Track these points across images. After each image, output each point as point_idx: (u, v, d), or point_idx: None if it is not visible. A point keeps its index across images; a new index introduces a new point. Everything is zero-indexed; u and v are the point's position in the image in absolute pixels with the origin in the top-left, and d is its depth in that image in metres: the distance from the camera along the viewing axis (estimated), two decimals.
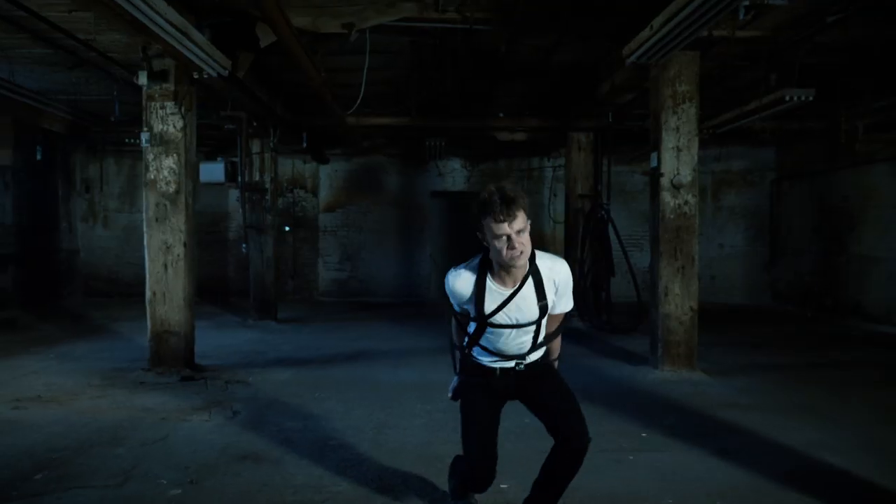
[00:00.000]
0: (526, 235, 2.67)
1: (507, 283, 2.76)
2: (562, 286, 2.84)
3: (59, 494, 3.43)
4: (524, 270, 2.76)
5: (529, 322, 2.80)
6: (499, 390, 2.93)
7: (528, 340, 2.85)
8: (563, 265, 2.87)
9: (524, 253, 2.66)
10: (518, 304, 2.75)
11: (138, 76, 6.25)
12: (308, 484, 3.60)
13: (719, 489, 3.59)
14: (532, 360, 2.92)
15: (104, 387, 5.80)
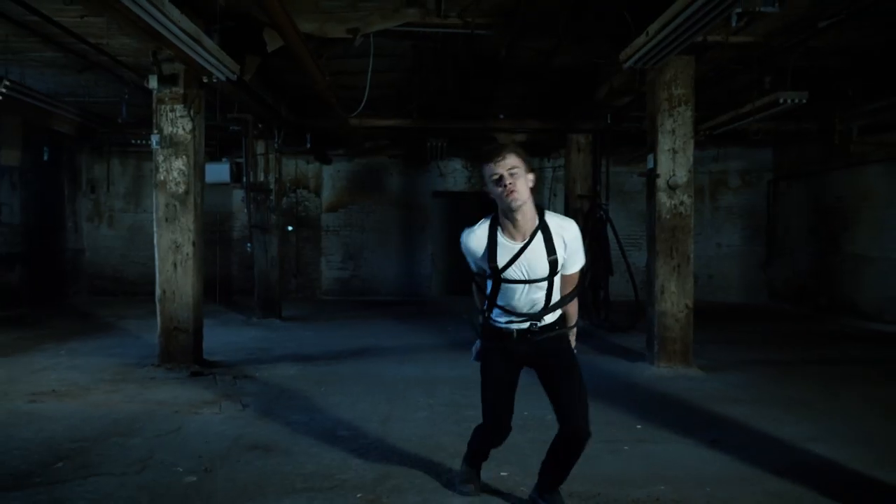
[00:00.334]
0: (521, 180, 2.83)
1: (517, 237, 2.91)
2: (571, 243, 2.95)
3: (81, 481, 3.60)
4: (533, 225, 2.91)
5: (541, 277, 2.91)
6: (515, 354, 3.06)
7: (542, 298, 2.95)
8: (571, 222, 2.99)
9: (517, 193, 2.82)
10: (528, 258, 2.89)
11: (149, 80, 6.42)
12: (317, 472, 3.77)
13: (709, 477, 3.76)
14: (547, 323, 3.03)
15: (116, 382, 5.97)
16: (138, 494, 3.44)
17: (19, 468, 3.77)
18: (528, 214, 2.90)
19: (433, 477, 3.69)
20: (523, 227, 2.90)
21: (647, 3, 5.44)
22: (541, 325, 3.02)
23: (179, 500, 3.37)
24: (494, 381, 3.14)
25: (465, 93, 9.36)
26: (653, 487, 3.59)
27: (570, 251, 2.97)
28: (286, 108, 9.86)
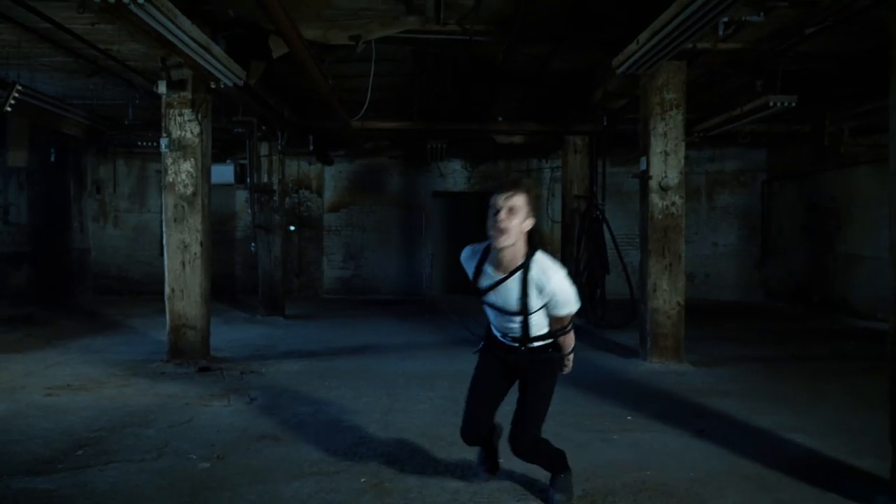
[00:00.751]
0: (516, 220, 2.93)
1: (500, 269, 3.07)
2: (550, 293, 2.99)
3: (101, 467, 3.82)
4: (516, 263, 3.03)
5: (513, 311, 3.07)
6: (505, 361, 3.26)
7: (518, 328, 3.13)
8: (554, 273, 2.99)
9: (505, 233, 2.91)
10: (503, 292, 3.07)
11: (158, 85, 6.62)
12: (323, 459, 3.99)
13: (693, 464, 3.98)
14: (531, 349, 3.18)
15: (127, 376, 6.19)
16: (156, 479, 3.66)
17: (42, 455, 4.00)
18: (513, 253, 3.01)
19: (432, 463, 3.91)
20: (506, 263, 3.03)
21: (641, 10, 5.66)
22: (528, 347, 3.18)
23: (195, 485, 3.59)
24: (477, 379, 3.34)
25: (465, 96, 9.58)
26: (639, 473, 3.81)
27: (552, 302, 3.03)
28: (289, 110, 10.08)
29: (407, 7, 6.28)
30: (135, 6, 4.11)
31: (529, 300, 3.01)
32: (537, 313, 3.08)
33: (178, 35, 4.77)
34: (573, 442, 4.37)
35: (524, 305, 3.03)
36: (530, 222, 3.01)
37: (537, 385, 3.22)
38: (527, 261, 3.02)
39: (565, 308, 3.07)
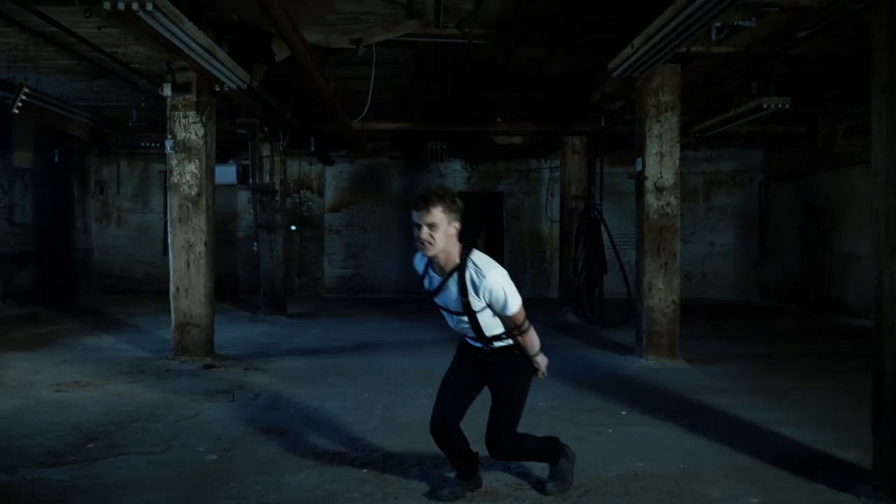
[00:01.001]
0: (440, 233, 2.97)
1: (439, 273, 3.15)
2: (486, 293, 3.01)
3: (112, 459, 3.95)
4: (452, 265, 3.07)
5: (456, 311, 3.12)
6: (476, 359, 3.32)
7: (470, 329, 3.15)
8: (488, 272, 3.00)
9: (430, 245, 2.97)
10: (445, 293, 3.13)
11: (163, 88, 6.77)
12: (327, 451, 4.13)
13: (684, 455, 4.11)
14: (498, 347, 3.20)
15: (133, 373, 6.33)
16: (165, 471, 3.79)
17: (55, 448, 4.13)
18: (447, 257, 3.06)
19: (432, 456, 4.02)
20: (442, 267, 3.10)
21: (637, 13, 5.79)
22: (492, 349, 3.21)
23: (203, 475, 3.72)
24: (449, 374, 3.42)
25: (464, 97, 9.71)
26: (632, 464, 3.94)
27: (488, 299, 3.03)
28: (291, 111, 10.22)
29: (407, 11, 6.41)
30: (143, 13, 4.24)
31: (469, 300, 3.04)
32: (484, 313, 3.09)
33: (184, 40, 4.90)
34: (569, 436, 4.46)
35: (465, 305, 3.06)
36: (455, 225, 3.04)
37: (506, 389, 3.25)
38: (462, 261, 3.06)
39: (507, 308, 3.04)
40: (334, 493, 3.47)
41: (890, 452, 3.33)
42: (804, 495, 3.50)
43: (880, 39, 3.35)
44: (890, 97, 3.30)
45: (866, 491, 3.44)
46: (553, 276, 14.06)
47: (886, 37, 3.30)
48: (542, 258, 14.64)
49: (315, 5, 6.20)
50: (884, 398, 3.39)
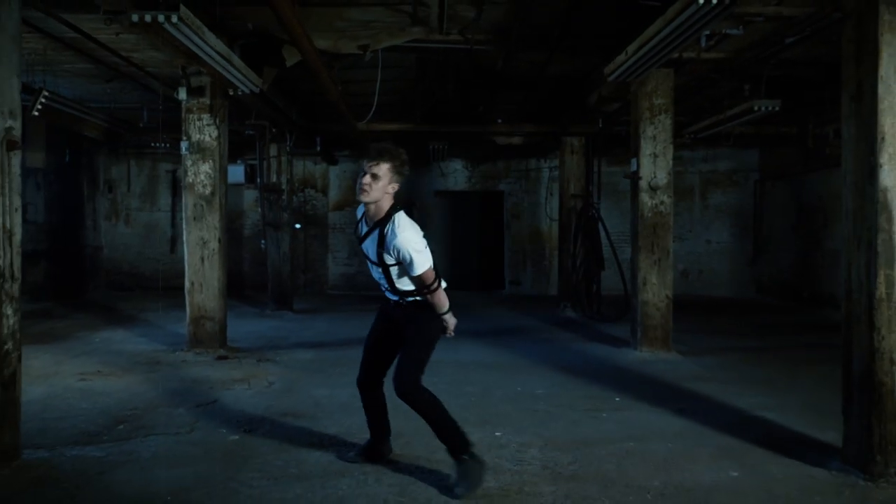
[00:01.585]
0: (379, 185, 3.36)
1: (368, 221, 3.52)
2: (395, 250, 3.34)
3: (142, 439, 4.27)
4: (379, 218, 3.43)
5: (374, 261, 3.49)
6: (389, 315, 3.69)
7: (384, 279, 3.52)
8: (401, 232, 3.33)
9: (366, 192, 3.36)
10: (368, 242, 3.51)
11: (178, 92, 7.08)
12: (340, 432, 4.44)
13: (672, 436, 4.43)
14: (408, 301, 3.52)
15: (152, 364, 6.64)
16: (192, 449, 4.10)
17: (88, 429, 4.44)
18: (377, 211, 3.43)
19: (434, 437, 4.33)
20: (372, 218, 3.47)
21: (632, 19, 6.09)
22: (406, 302, 3.54)
23: (228, 453, 4.03)
24: (371, 332, 3.82)
25: (466, 99, 10.02)
26: (623, 443, 4.26)
27: (399, 255, 3.35)
28: (297, 112, 10.52)
29: (412, 19, 6.71)
30: (168, 24, 4.55)
31: (383, 253, 3.40)
32: (395, 268, 3.43)
33: (203, 48, 5.20)
34: (565, 420, 4.82)
35: (379, 257, 3.42)
36: (395, 185, 3.43)
37: (412, 333, 3.55)
38: (386, 217, 3.41)
39: (413, 268, 3.35)
40: (347, 469, 3.78)
41: (857, 430, 3.65)
42: (781, 469, 3.81)
43: (848, 52, 3.65)
44: (857, 105, 3.60)
45: (837, 465, 3.76)
46: (552, 273, 14.36)
47: (853, 50, 3.60)
48: (541, 256, 14.94)
49: (325, 14, 6.51)
50: (852, 381, 3.69)
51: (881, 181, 3.45)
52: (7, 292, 3.56)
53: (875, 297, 3.48)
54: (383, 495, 3.39)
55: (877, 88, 3.44)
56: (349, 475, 3.67)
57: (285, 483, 3.55)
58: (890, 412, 3.47)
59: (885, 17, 3.40)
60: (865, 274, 3.54)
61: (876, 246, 3.47)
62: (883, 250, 3.45)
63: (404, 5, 6.38)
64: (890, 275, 3.45)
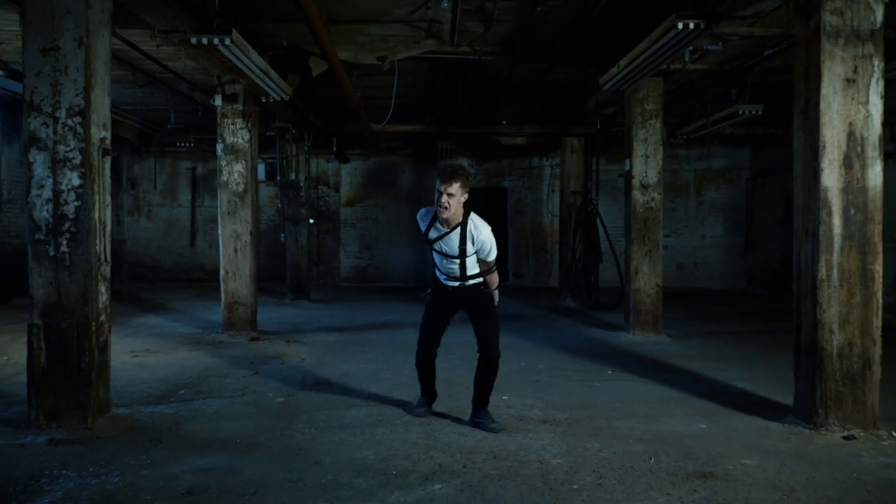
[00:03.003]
0: (455, 200, 4.14)
1: (444, 226, 4.29)
2: (479, 243, 4.24)
3: (202, 400, 5.02)
4: (456, 221, 4.24)
5: (453, 255, 4.29)
6: (450, 298, 4.49)
7: (456, 268, 4.33)
8: (484, 230, 4.24)
9: (447, 210, 4.14)
10: (446, 241, 4.30)
11: (214, 98, 7.81)
12: (370, 396, 5.18)
13: (653, 399, 5.17)
14: (470, 284, 4.38)
15: (192, 344, 7.39)
16: (247, 408, 4.85)
17: (154, 393, 5.20)
18: (455, 216, 4.22)
19: (451, 399, 5.07)
20: (448, 222, 4.25)
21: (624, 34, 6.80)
22: (466, 285, 4.39)
23: (277, 411, 4.78)
24: (429, 314, 4.60)
25: (473, 103, 10.75)
26: (611, 405, 5.00)
27: (479, 249, 4.26)
28: (314, 115, 11.25)
29: (426, 33, 7.42)
30: (222, 46, 5.28)
31: (466, 246, 4.25)
32: (471, 257, 4.30)
33: (247, 64, 5.93)
34: (562, 388, 5.57)
35: (462, 251, 4.26)
36: (465, 196, 4.21)
37: (484, 310, 4.41)
38: (465, 219, 4.26)
39: (490, 254, 4.32)
40: (380, 420, 4.53)
41: (804, 389, 4.38)
42: (742, 423, 4.55)
43: (798, 73, 4.37)
44: (804, 118, 4.33)
45: (789, 419, 4.49)
46: (554, 266, 15.09)
47: (802, 72, 4.32)
48: (543, 249, 15.67)
49: (348, 30, 7.22)
50: (800, 348, 4.43)
51: (822, 182, 4.18)
52: (102, 273, 4.31)
53: (818, 278, 4.21)
54: (413, 439, 4.13)
55: (819, 105, 4.16)
56: (383, 425, 4.42)
57: (330, 431, 4.29)
58: (829, 373, 4.20)
59: (826, 46, 4.12)
60: (811, 259, 4.27)
61: (818, 236, 4.20)
62: (824, 239, 4.18)
63: (420, 22, 7.08)
64: (829, 259, 4.18)
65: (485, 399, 4.47)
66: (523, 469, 3.62)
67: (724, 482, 3.44)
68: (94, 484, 3.34)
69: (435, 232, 4.37)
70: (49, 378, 4.11)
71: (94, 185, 4.18)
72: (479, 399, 4.47)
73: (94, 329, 4.21)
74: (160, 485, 3.34)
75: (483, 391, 4.46)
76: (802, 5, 4.30)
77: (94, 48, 4.14)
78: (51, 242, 4.12)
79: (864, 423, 4.17)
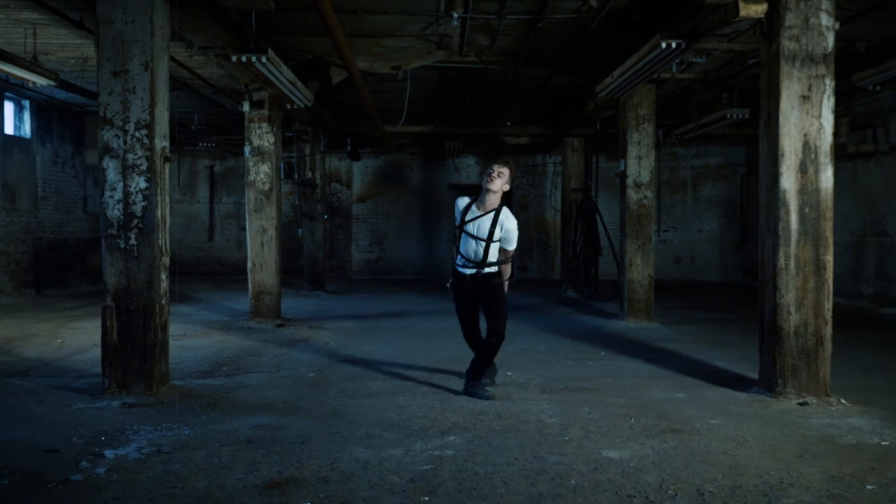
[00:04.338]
0: (501, 181, 4.85)
1: (481, 210, 4.94)
2: (506, 231, 4.89)
3: (243, 375, 5.73)
4: (492, 207, 4.89)
5: (481, 237, 4.90)
6: (467, 289, 5.12)
7: (480, 252, 4.92)
8: (512, 221, 4.91)
9: (493, 183, 4.83)
10: (480, 222, 4.92)
11: (242, 105, 8.52)
12: (391, 372, 5.89)
13: (641, 375, 5.86)
14: (486, 272, 4.99)
15: (223, 330, 8.11)
16: (284, 381, 5.57)
17: (200, 369, 5.92)
18: (493, 201, 4.89)
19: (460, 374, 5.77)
20: (486, 206, 4.91)
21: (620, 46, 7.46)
22: (482, 273, 5.01)
23: (311, 383, 5.49)
24: (458, 307, 5.28)
25: (479, 105, 11.43)
26: (602, 379, 5.70)
27: (505, 234, 4.91)
28: (329, 116, 11.95)
29: (437, 45, 8.11)
30: (259, 63, 5.98)
31: (495, 230, 4.88)
32: (495, 244, 4.92)
33: (278, 77, 6.63)
34: (560, 366, 6.27)
35: (490, 234, 4.88)
36: (508, 186, 4.91)
37: (496, 300, 5.05)
38: (499, 208, 4.93)
39: (511, 244, 4.97)
40: (401, 391, 5.24)
41: (766, 363, 5.07)
42: (714, 394, 5.24)
43: (763, 90, 5.05)
44: (767, 129, 5.00)
45: (754, 390, 5.18)
46: (556, 259, 15.79)
47: (765, 88, 5.00)
48: (546, 243, 16.37)
49: (365, 42, 7.90)
50: (764, 328, 5.11)
51: (781, 185, 4.86)
52: (163, 263, 5.03)
53: (777, 267, 4.89)
54: (430, 404, 4.84)
55: (779, 119, 4.83)
56: (403, 394, 5.13)
57: (359, 399, 5.00)
58: (787, 348, 4.89)
59: (785, 68, 4.79)
60: (772, 251, 4.95)
61: (778, 230, 4.88)
62: (783, 234, 4.86)
63: (431, 36, 7.77)
64: (787, 251, 4.86)
65: (478, 373, 5.10)
66: (523, 426, 4.32)
67: (690, 435, 4.13)
68: (169, 435, 4.05)
69: (471, 214, 4.98)
70: (120, 352, 4.83)
71: (158, 188, 4.89)
72: (473, 371, 5.11)
73: (157, 310, 4.92)
74: (224, 436, 4.05)
75: (478, 365, 5.10)
76: (766, 31, 4.96)
77: (157, 71, 4.85)
78: (121, 237, 4.84)
79: (816, 392, 4.85)
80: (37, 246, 11.89)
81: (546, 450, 3.84)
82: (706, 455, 3.77)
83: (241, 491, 3.22)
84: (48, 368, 5.92)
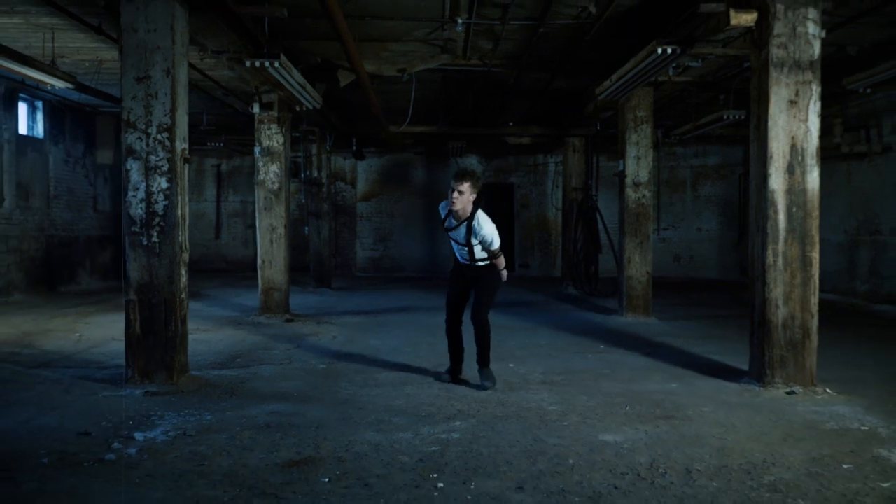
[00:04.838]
0: (464, 196, 5.02)
1: (455, 219, 5.21)
2: (480, 237, 5.09)
3: (257, 367, 6.00)
4: (465, 217, 5.13)
5: (461, 243, 5.23)
6: (464, 275, 5.41)
7: (467, 253, 5.25)
8: (486, 227, 5.07)
9: (456, 204, 5.04)
10: (457, 232, 5.23)
11: (252, 106, 8.78)
12: (396, 365, 6.16)
13: (637, 368, 6.12)
14: (478, 266, 5.29)
15: (235, 325, 8.38)
16: (296, 372, 5.83)
17: (215, 361, 6.18)
18: (464, 212, 5.11)
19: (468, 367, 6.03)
20: (459, 217, 5.17)
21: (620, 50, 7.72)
22: (475, 266, 5.31)
23: (321, 374, 5.76)
24: (449, 289, 5.57)
25: (482, 106, 11.69)
26: (600, 371, 5.96)
27: (481, 240, 5.11)
28: (335, 116, 12.21)
29: (442, 49, 8.36)
30: (271, 68, 6.24)
31: (470, 237, 5.16)
32: (476, 246, 5.20)
33: (289, 81, 6.89)
34: (560, 359, 6.53)
35: (468, 240, 5.19)
36: (474, 195, 5.09)
37: (483, 284, 5.34)
38: (471, 216, 5.13)
39: (492, 245, 5.17)
40: (408, 381, 5.50)
41: (756, 354, 5.32)
42: (707, 384, 5.49)
43: (753, 95, 5.29)
44: (757, 132, 5.24)
45: (745, 380, 5.43)
46: (557, 257, 16.04)
47: (755, 94, 5.25)
48: (547, 241, 16.63)
49: (372, 46, 8.17)
50: (754, 321, 5.37)
51: (770, 185, 5.11)
52: (183, 259, 5.28)
53: (766, 263, 5.14)
54: (436, 393, 5.11)
55: (768, 122, 5.08)
56: (410, 384, 5.39)
57: (368, 388, 5.27)
58: (775, 341, 5.14)
59: (773, 74, 5.04)
60: (761, 248, 5.20)
61: (767, 229, 5.13)
62: (771, 232, 5.12)
63: (436, 40, 8.02)
64: (776, 248, 5.12)
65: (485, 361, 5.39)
66: (524, 413, 4.58)
67: (681, 421, 4.39)
68: (192, 420, 4.32)
69: (449, 223, 5.31)
70: (142, 343, 5.09)
71: (178, 188, 5.15)
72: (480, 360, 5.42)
73: (177, 304, 5.19)
74: (243, 421, 4.32)
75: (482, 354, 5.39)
76: (756, 39, 5.21)
77: (178, 77, 5.11)
78: (144, 234, 5.10)
79: (803, 382, 5.11)
80: (49, 243, 12.16)
81: (546, 433, 4.10)
82: (696, 439, 4.03)
83: (264, 469, 3.48)
84: (70, 360, 6.18)
